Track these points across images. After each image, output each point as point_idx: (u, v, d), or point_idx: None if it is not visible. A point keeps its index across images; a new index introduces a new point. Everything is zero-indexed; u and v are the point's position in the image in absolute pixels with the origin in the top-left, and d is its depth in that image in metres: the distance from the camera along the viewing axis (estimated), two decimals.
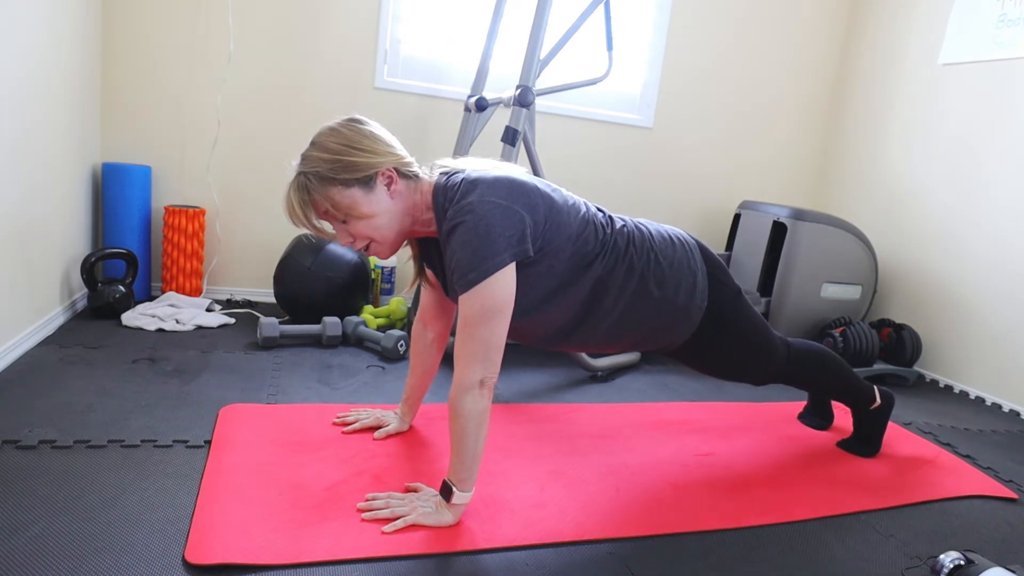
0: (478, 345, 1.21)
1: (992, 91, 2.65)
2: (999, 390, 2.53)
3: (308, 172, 1.28)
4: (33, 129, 1.94)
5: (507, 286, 1.22)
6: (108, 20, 2.51)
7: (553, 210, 1.30)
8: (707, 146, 3.32)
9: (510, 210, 1.23)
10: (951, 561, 1.20)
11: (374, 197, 1.29)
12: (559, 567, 1.19)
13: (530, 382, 2.18)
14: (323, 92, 2.75)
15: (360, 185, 1.28)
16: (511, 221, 1.22)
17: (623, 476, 1.56)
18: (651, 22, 3.13)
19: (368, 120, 1.34)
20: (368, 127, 1.32)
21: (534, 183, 1.31)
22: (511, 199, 1.24)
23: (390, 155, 1.31)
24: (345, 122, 1.31)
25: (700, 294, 1.48)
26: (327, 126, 1.31)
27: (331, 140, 1.28)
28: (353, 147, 1.28)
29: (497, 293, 1.21)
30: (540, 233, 1.28)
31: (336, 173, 1.27)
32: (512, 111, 2.24)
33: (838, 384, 1.78)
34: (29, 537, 1.10)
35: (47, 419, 1.53)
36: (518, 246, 1.23)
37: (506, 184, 1.26)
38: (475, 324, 1.21)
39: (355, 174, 1.27)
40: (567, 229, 1.32)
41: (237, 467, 1.40)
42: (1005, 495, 1.69)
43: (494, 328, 1.22)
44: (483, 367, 1.22)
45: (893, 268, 3.02)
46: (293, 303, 2.48)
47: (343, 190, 1.27)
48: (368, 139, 1.30)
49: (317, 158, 1.28)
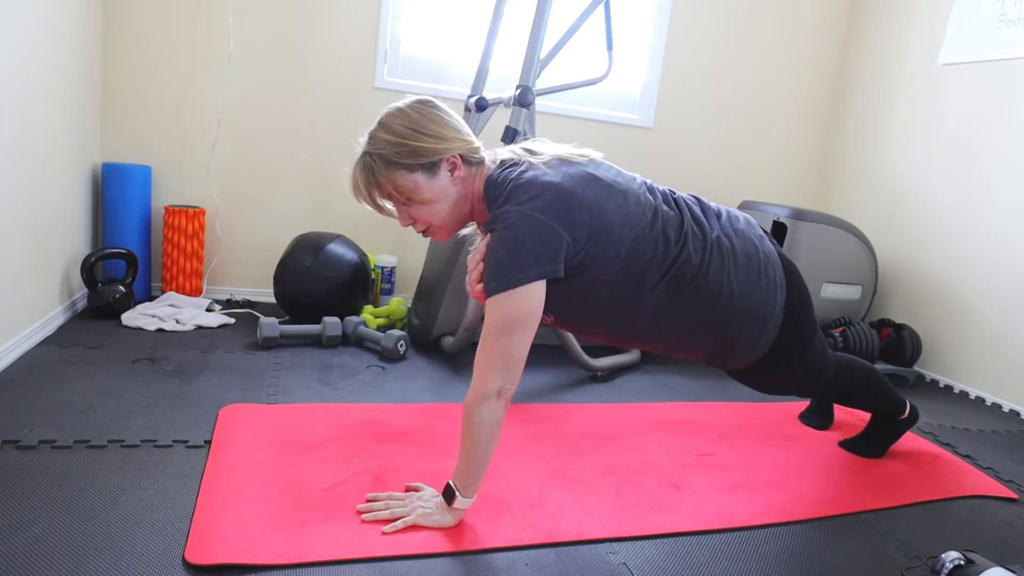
0: (497, 355, 1.20)
1: (992, 91, 2.65)
2: (999, 390, 2.53)
3: (373, 153, 1.26)
4: (33, 129, 1.94)
5: (530, 301, 1.20)
6: (108, 20, 2.51)
7: (601, 226, 1.24)
8: (707, 146, 3.32)
9: (547, 227, 1.19)
10: (951, 561, 1.20)
11: (436, 183, 1.27)
12: (559, 567, 1.19)
13: (530, 382, 2.18)
14: (323, 92, 2.75)
15: (424, 170, 1.26)
16: (545, 239, 1.19)
17: (623, 476, 1.56)
18: (651, 22, 3.13)
19: (438, 103, 1.31)
20: (437, 111, 1.29)
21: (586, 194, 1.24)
22: (552, 214, 1.20)
23: (457, 140, 1.28)
24: (414, 104, 1.29)
25: (765, 339, 1.41)
26: (396, 106, 1.28)
27: (398, 122, 1.26)
28: (420, 131, 1.25)
29: (520, 307, 1.19)
30: (581, 250, 1.24)
31: (401, 157, 1.25)
32: (512, 111, 2.24)
33: (875, 405, 1.78)
34: (29, 537, 1.10)
35: (47, 419, 1.53)
36: (548, 265, 1.20)
37: (553, 195, 1.21)
38: (496, 334, 1.20)
39: (419, 159, 1.25)
40: (616, 245, 1.26)
41: (237, 467, 1.40)
42: (1005, 495, 1.69)
43: (515, 340, 1.20)
44: (502, 377, 1.20)
45: (893, 268, 3.02)
46: (293, 303, 2.48)
47: (407, 174, 1.26)
48: (435, 124, 1.27)
49: (383, 139, 1.26)
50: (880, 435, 1.84)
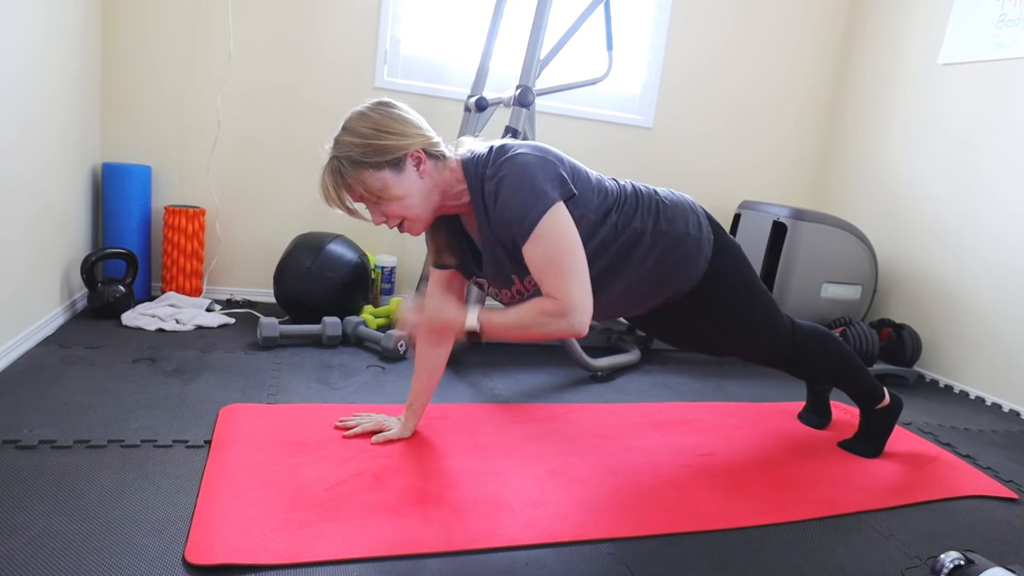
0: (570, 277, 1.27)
1: (992, 91, 2.65)
2: (999, 390, 2.53)
3: (340, 156, 1.32)
4: (33, 129, 1.94)
5: (568, 223, 1.30)
6: (108, 20, 2.51)
7: (573, 165, 1.41)
8: (707, 146, 3.32)
9: (545, 159, 1.32)
10: (951, 561, 1.20)
11: (404, 178, 1.33)
12: (559, 567, 1.19)
13: (530, 382, 2.18)
14: (323, 92, 2.75)
15: (390, 167, 1.32)
16: (549, 168, 1.32)
17: (623, 476, 1.56)
18: (651, 22, 3.13)
19: (397, 103, 1.37)
20: (397, 110, 1.36)
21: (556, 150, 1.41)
22: (542, 152, 1.34)
23: (418, 136, 1.35)
24: (374, 105, 1.35)
25: (706, 229, 1.55)
26: (357, 110, 1.35)
27: (361, 124, 1.32)
28: (382, 131, 1.32)
29: (562, 230, 1.28)
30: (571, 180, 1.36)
31: (367, 157, 1.31)
32: (512, 111, 2.24)
33: (843, 372, 1.77)
34: (29, 537, 1.10)
35: (47, 419, 1.53)
36: (562, 186, 1.32)
37: (531, 144, 1.36)
38: (559, 261, 1.27)
39: (385, 156, 1.31)
40: (589, 184, 1.41)
41: (237, 467, 1.40)
42: (1005, 495, 1.69)
43: (577, 263, 1.28)
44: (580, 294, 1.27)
45: (893, 268, 3.02)
46: (293, 303, 2.48)
47: (374, 173, 1.31)
48: (397, 122, 1.34)
49: (348, 142, 1.32)
50: (871, 429, 1.85)
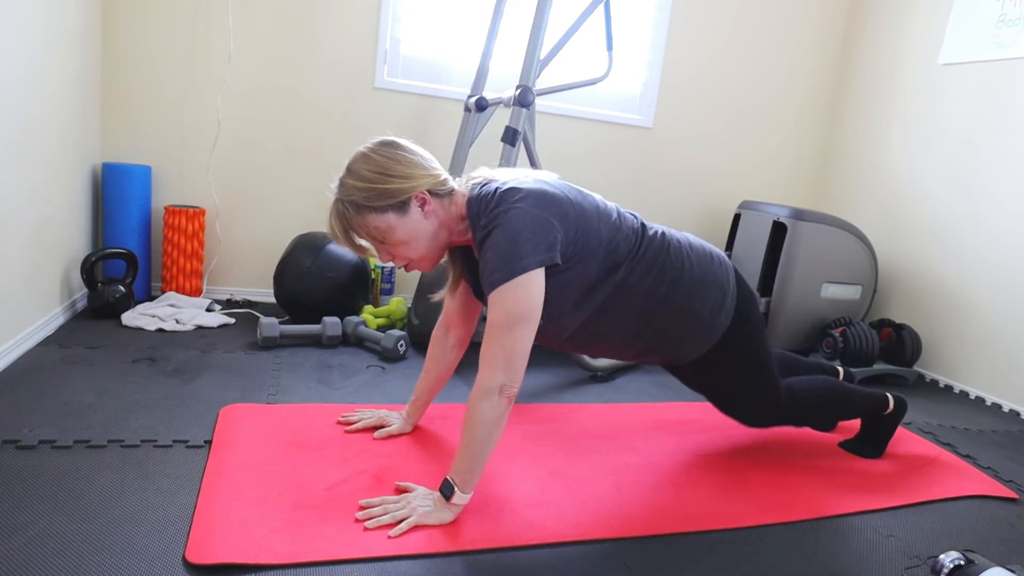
0: (500, 352, 1.23)
1: (992, 91, 2.65)
2: (999, 390, 2.53)
3: (345, 200, 1.32)
4: (33, 129, 1.94)
5: (533, 293, 1.24)
6: (108, 20, 2.51)
7: (583, 218, 1.33)
8: (707, 146, 3.32)
9: (541, 218, 1.26)
10: (951, 561, 1.20)
11: (408, 220, 1.32)
12: (559, 567, 1.19)
13: (530, 382, 2.18)
14: (323, 92, 2.75)
15: (394, 210, 1.31)
16: (541, 229, 1.25)
17: (623, 476, 1.56)
18: (651, 22, 3.13)
19: (402, 143, 1.36)
20: (400, 151, 1.34)
21: (565, 193, 1.34)
22: (543, 208, 1.27)
23: (424, 177, 1.33)
24: (377, 146, 1.34)
25: (726, 313, 1.51)
26: (360, 151, 1.34)
27: (365, 168, 1.31)
28: (386, 174, 1.30)
29: (522, 299, 1.23)
30: (571, 241, 1.31)
31: (371, 201, 1.30)
32: (512, 111, 2.24)
33: (844, 413, 1.81)
34: (29, 537, 1.10)
35: (47, 419, 1.53)
36: (546, 253, 1.25)
37: (538, 194, 1.29)
38: (500, 329, 1.23)
39: (389, 200, 1.30)
40: (597, 236, 1.35)
41: (237, 467, 1.40)
42: (1005, 495, 1.69)
43: (518, 335, 1.23)
44: (504, 374, 1.23)
45: (893, 268, 3.02)
46: (293, 303, 2.48)
47: (379, 215, 1.31)
48: (401, 164, 1.32)
49: (352, 186, 1.31)
50: (873, 432, 1.86)
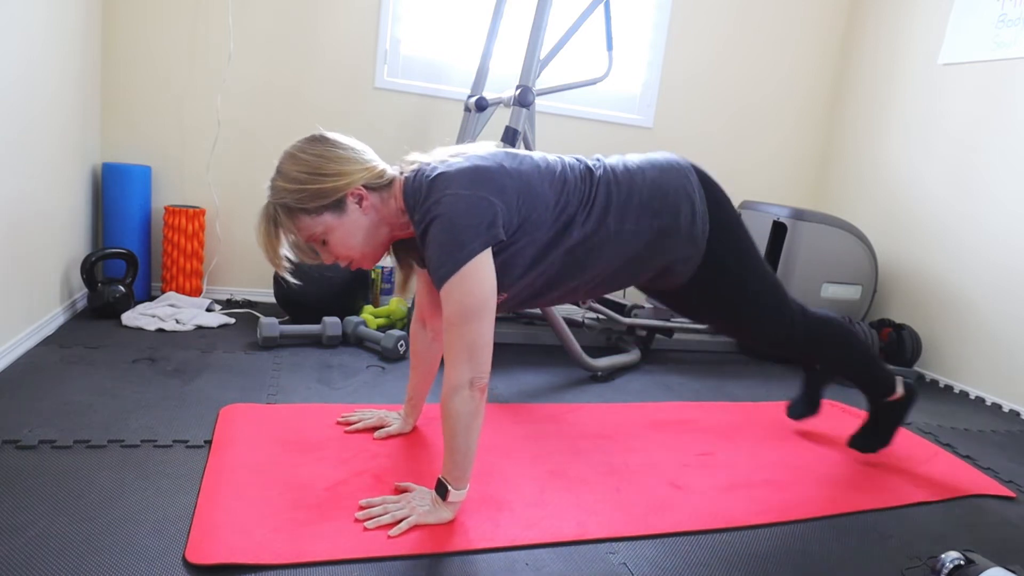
0: (462, 346, 1.20)
1: (992, 91, 2.65)
2: (999, 390, 2.53)
3: (277, 203, 1.26)
4: (33, 129, 1.94)
5: (484, 280, 1.20)
6: (108, 20, 2.51)
7: (524, 184, 1.27)
8: (707, 146, 3.32)
9: (475, 198, 1.20)
10: (951, 561, 1.20)
11: (347, 218, 1.28)
12: (559, 567, 1.19)
13: (530, 382, 2.18)
14: (323, 92, 2.75)
15: (330, 211, 1.26)
16: (477, 209, 1.20)
17: (623, 476, 1.56)
18: (651, 22, 3.13)
19: (332, 137, 1.30)
20: (331, 147, 1.28)
21: (499, 162, 1.27)
22: (475, 187, 1.21)
23: (358, 172, 1.28)
24: (306, 144, 1.28)
25: (700, 217, 1.41)
26: (288, 151, 1.28)
27: (294, 169, 1.25)
28: (318, 174, 1.25)
29: (474, 289, 1.19)
30: (515, 211, 1.25)
31: (303, 203, 1.25)
32: (512, 111, 2.24)
33: (857, 363, 1.68)
34: (29, 537, 1.10)
35: (47, 419, 1.53)
36: (488, 232, 1.20)
37: (469, 173, 1.23)
38: (458, 324, 1.20)
39: (323, 200, 1.25)
40: (543, 199, 1.29)
41: (237, 467, 1.40)
42: (1005, 495, 1.69)
43: (477, 327, 1.20)
44: (470, 367, 1.20)
45: (893, 268, 3.02)
46: (293, 303, 2.48)
47: (315, 218, 1.26)
48: (333, 161, 1.26)
49: (283, 188, 1.25)
50: (879, 420, 1.77)
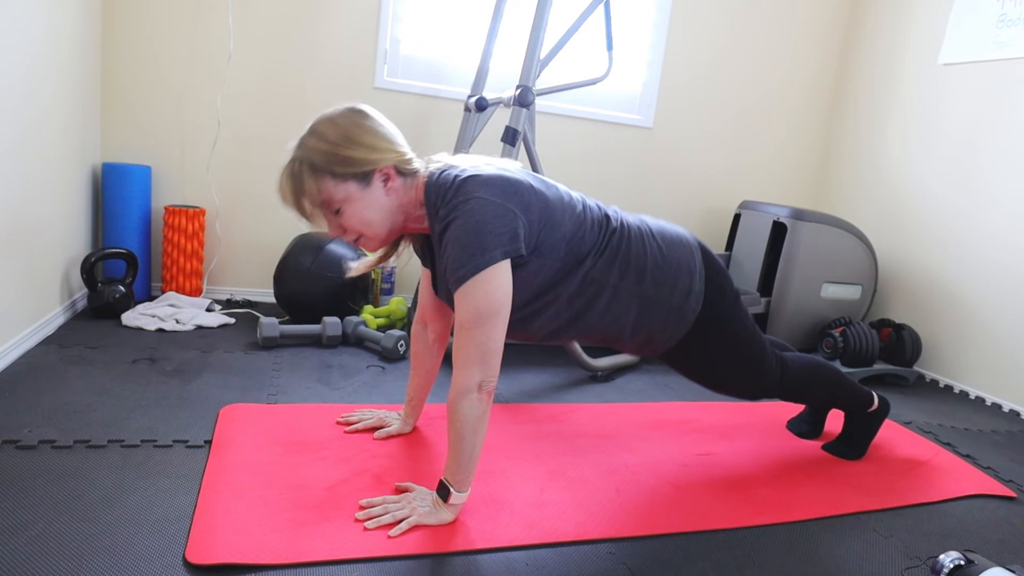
0: (474, 349, 1.20)
1: (992, 91, 2.65)
2: (999, 390, 2.53)
3: (303, 159, 1.25)
4: (33, 129, 1.94)
5: (501, 286, 1.20)
6: (108, 20, 2.51)
7: (547, 209, 1.28)
8: (707, 146, 3.32)
9: (503, 208, 1.20)
10: (951, 561, 1.20)
11: (369, 193, 1.26)
12: (559, 567, 1.19)
13: (530, 382, 2.18)
14: (323, 92, 2.75)
15: (356, 180, 1.25)
16: (504, 219, 1.20)
17: (623, 476, 1.56)
18: (651, 22, 3.13)
19: (371, 113, 1.30)
20: (369, 121, 1.28)
21: (528, 181, 1.28)
22: (505, 197, 1.21)
23: (390, 151, 1.28)
24: (346, 111, 1.28)
25: (695, 297, 1.44)
26: (327, 114, 1.28)
27: (330, 130, 1.25)
28: (352, 141, 1.25)
29: (491, 294, 1.19)
30: (535, 232, 1.25)
31: (331, 165, 1.24)
32: (512, 111, 2.24)
33: (835, 398, 1.77)
34: (29, 537, 1.10)
35: (47, 419, 1.53)
36: (510, 244, 1.20)
37: (500, 182, 1.23)
38: (471, 327, 1.19)
39: (351, 168, 1.24)
40: (561, 229, 1.29)
41: (237, 467, 1.40)
42: (1005, 495, 1.69)
43: (490, 332, 1.19)
44: (480, 371, 1.20)
45: (893, 268, 3.02)
46: (293, 303, 2.48)
47: (338, 183, 1.25)
48: (368, 134, 1.26)
49: (313, 146, 1.25)
50: (857, 434, 1.82)
